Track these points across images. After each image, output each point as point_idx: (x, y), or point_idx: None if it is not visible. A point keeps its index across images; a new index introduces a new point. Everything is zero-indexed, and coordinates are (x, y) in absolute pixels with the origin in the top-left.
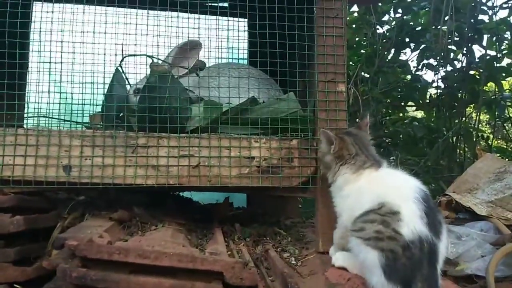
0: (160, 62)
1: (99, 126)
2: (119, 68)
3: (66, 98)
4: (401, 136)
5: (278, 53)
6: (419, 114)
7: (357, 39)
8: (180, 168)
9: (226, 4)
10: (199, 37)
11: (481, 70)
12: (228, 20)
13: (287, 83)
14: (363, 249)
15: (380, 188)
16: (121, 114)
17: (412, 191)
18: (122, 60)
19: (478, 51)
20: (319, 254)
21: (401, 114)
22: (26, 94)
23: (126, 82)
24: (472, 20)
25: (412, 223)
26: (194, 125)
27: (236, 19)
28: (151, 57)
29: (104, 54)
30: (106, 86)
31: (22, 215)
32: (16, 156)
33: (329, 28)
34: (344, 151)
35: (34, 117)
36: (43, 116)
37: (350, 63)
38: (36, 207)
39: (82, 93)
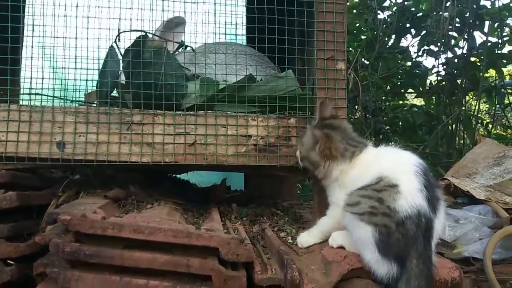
0: (155, 38)
1: (94, 104)
2: (114, 45)
3: (62, 79)
4: (400, 123)
5: (277, 30)
6: (418, 101)
7: (357, 24)
8: (176, 146)
9: None
10: (196, 13)
11: (482, 57)
12: None
13: (286, 61)
14: (357, 225)
15: (379, 164)
16: (114, 92)
17: (411, 164)
18: (117, 36)
19: (479, 37)
20: None
21: (401, 102)
22: (21, 70)
23: (121, 59)
24: (474, 6)
25: (411, 196)
26: (190, 102)
27: None
28: (146, 32)
29: (99, 29)
30: (101, 63)
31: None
32: (9, 132)
33: (329, 4)
34: (332, 150)
35: (28, 94)
36: (37, 94)
37: (350, 49)
38: (30, 185)
39: (76, 68)
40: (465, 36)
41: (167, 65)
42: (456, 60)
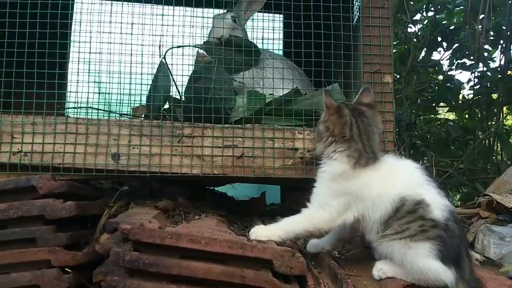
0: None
1: (141, 117)
2: (163, 60)
3: (106, 92)
4: (431, 139)
5: (316, 45)
6: (451, 115)
7: None
8: (224, 158)
9: None
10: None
11: None
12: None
13: (330, 75)
14: (411, 247)
15: (391, 183)
16: (166, 105)
17: (418, 173)
18: (166, 52)
19: None
20: (363, 249)
21: (432, 115)
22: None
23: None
24: None
25: (439, 204)
26: (238, 116)
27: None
28: (196, 46)
29: (142, 45)
30: (144, 77)
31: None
32: (66, 144)
33: (375, 18)
34: (335, 127)
35: (79, 107)
36: (89, 107)
37: None
38: (83, 195)
39: (120, 83)
40: (501, 49)
41: (217, 79)
42: (489, 74)
